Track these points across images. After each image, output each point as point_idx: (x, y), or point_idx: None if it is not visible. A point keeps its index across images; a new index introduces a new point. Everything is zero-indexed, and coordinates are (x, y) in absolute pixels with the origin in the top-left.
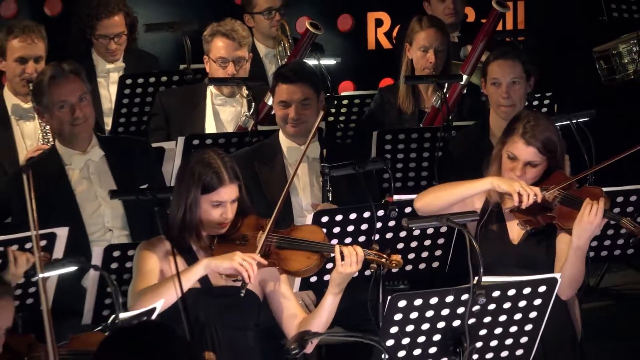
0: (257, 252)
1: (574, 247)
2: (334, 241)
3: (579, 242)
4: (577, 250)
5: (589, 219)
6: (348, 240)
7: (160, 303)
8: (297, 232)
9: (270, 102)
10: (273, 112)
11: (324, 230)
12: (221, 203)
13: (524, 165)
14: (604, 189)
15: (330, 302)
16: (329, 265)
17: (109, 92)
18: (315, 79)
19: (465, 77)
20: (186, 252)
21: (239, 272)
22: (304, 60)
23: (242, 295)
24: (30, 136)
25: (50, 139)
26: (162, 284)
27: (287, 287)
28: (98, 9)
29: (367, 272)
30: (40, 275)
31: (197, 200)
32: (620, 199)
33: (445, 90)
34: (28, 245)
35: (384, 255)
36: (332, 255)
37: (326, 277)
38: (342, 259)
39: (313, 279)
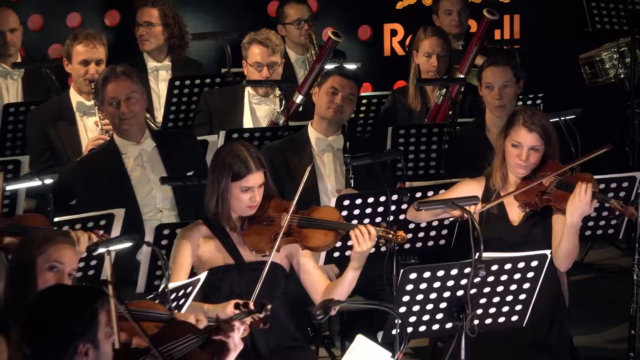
0: (273, 247)
1: (568, 225)
2: (354, 221)
3: (572, 220)
4: (571, 227)
5: (580, 198)
6: (366, 220)
7: (204, 275)
8: (315, 212)
9: (298, 101)
10: (301, 108)
11: (346, 211)
12: (249, 188)
13: (527, 150)
14: None
15: (351, 276)
16: (350, 242)
17: (158, 88)
18: (358, 86)
19: (461, 76)
20: (220, 232)
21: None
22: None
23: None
24: (92, 130)
25: (109, 132)
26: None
27: (311, 260)
28: (139, 4)
29: (383, 249)
30: (103, 250)
31: (228, 187)
32: (602, 186)
33: (447, 90)
34: (90, 225)
35: (391, 232)
36: (346, 232)
37: (347, 252)
38: (357, 239)
39: (336, 254)
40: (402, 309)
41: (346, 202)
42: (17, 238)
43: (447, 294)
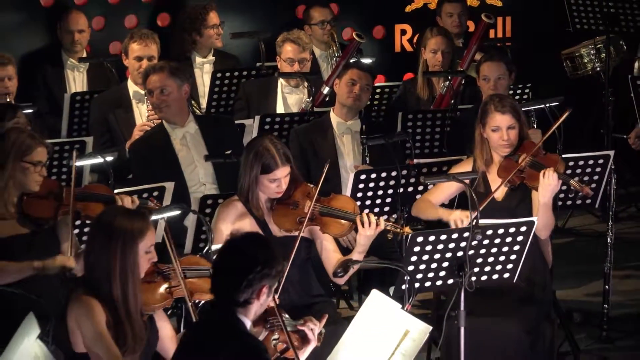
0: (300, 230)
1: (541, 204)
2: (369, 193)
3: (543, 200)
4: (544, 205)
5: (548, 182)
6: (380, 192)
7: None
8: (335, 201)
9: (325, 92)
10: (327, 98)
11: (362, 184)
12: (276, 180)
13: (506, 130)
14: (565, 155)
15: (358, 254)
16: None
17: (203, 80)
18: (373, 77)
19: (463, 69)
20: (252, 211)
21: None
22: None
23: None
24: (145, 115)
25: (155, 118)
26: None
27: (330, 241)
28: (206, 8)
29: (389, 235)
30: (156, 217)
31: (257, 177)
32: (571, 163)
33: (449, 81)
34: (145, 195)
35: (398, 226)
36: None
37: None
38: (363, 226)
39: None
40: (410, 268)
41: (362, 177)
42: (85, 203)
43: (448, 255)
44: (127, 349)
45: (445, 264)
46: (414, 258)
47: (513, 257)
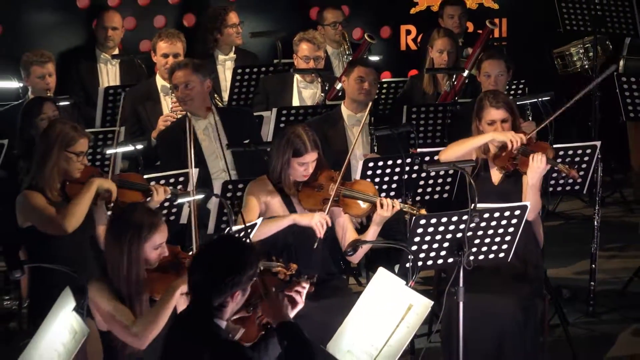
0: (327, 209)
1: (530, 186)
2: (377, 179)
3: (532, 182)
4: (532, 187)
5: (537, 165)
6: (387, 178)
7: (259, 220)
8: (357, 185)
9: (338, 87)
10: (340, 93)
11: (370, 171)
12: (305, 164)
13: (500, 123)
14: (555, 146)
15: (372, 232)
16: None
17: (224, 75)
18: (378, 71)
19: (467, 71)
20: (281, 190)
21: (314, 229)
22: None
23: (315, 247)
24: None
25: (178, 112)
26: (267, 224)
27: (348, 221)
28: (226, 9)
29: (407, 217)
30: (181, 200)
31: (289, 161)
32: (562, 153)
33: (453, 79)
34: (171, 180)
35: (415, 208)
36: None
37: None
38: (382, 207)
39: None
40: (414, 247)
41: (371, 164)
42: (122, 191)
43: (449, 236)
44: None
45: (446, 244)
46: (417, 239)
47: (508, 238)
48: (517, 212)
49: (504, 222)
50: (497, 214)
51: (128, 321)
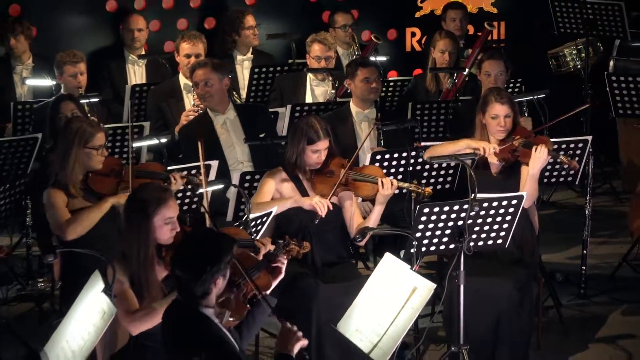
0: (332, 192)
1: (530, 175)
2: (384, 171)
3: (532, 171)
4: (532, 176)
5: (539, 155)
6: (392, 170)
7: (275, 209)
8: (365, 169)
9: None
10: (349, 90)
11: (377, 163)
12: (318, 150)
13: (504, 118)
14: (550, 140)
15: (377, 212)
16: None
17: (242, 74)
18: (379, 68)
19: (467, 69)
20: (296, 179)
21: (315, 209)
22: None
23: (315, 222)
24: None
25: (199, 107)
26: (268, 204)
27: (355, 203)
28: (243, 12)
29: (404, 191)
30: (202, 190)
31: (304, 148)
32: (564, 146)
33: (455, 77)
34: (193, 172)
35: (420, 188)
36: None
37: None
38: (383, 186)
39: None
40: (418, 234)
41: (378, 157)
42: (142, 180)
43: (450, 224)
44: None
45: (448, 231)
46: (421, 226)
47: (505, 225)
48: (514, 202)
49: (501, 210)
50: (495, 203)
51: (129, 308)
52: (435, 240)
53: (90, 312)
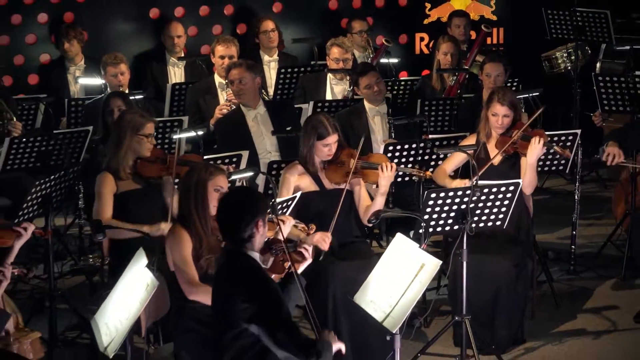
0: (347, 181)
1: (528, 164)
2: (395, 160)
3: (530, 161)
4: (531, 165)
5: (535, 146)
6: (403, 159)
7: (299, 194)
8: (372, 158)
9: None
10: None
11: (390, 154)
12: (328, 145)
13: (502, 117)
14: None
15: (380, 199)
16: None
17: (270, 74)
18: (375, 69)
19: (467, 67)
20: (310, 170)
21: (319, 244)
22: (380, 60)
23: (320, 259)
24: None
25: (234, 102)
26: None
27: (363, 187)
28: (260, 18)
29: (415, 178)
30: (235, 177)
31: (314, 143)
32: (555, 138)
33: (456, 76)
34: (226, 160)
35: (422, 172)
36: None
37: None
38: (382, 170)
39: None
40: (426, 217)
41: (390, 148)
42: (183, 168)
43: (455, 207)
44: (209, 262)
45: (452, 214)
46: (428, 209)
47: (503, 209)
48: (511, 188)
49: (500, 196)
50: (495, 189)
51: (190, 280)
52: (441, 222)
53: (135, 284)
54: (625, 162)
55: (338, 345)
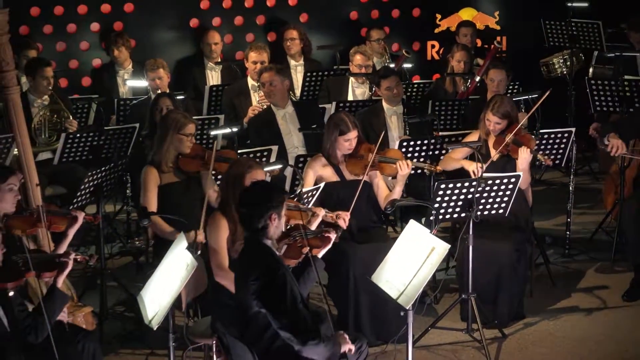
0: (365, 172)
1: (520, 169)
2: (409, 155)
3: (522, 167)
4: (523, 170)
5: (522, 155)
6: (416, 154)
7: (323, 184)
8: (389, 152)
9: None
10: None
11: (404, 149)
12: (349, 140)
13: (494, 124)
14: (542, 130)
15: (398, 189)
16: None
17: (296, 77)
18: (397, 74)
19: (478, 77)
20: (332, 162)
21: (340, 224)
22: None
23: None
24: (257, 100)
25: (265, 102)
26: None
27: (381, 179)
28: (286, 28)
29: (426, 171)
30: (269, 168)
31: (336, 138)
32: (546, 136)
33: (468, 83)
34: (258, 155)
35: (432, 166)
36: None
37: None
38: (400, 168)
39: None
40: (436, 205)
41: (405, 143)
42: (220, 163)
43: (462, 197)
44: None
45: (460, 203)
46: (438, 199)
47: (505, 199)
48: (512, 180)
49: (502, 187)
50: (497, 181)
51: (220, 264)
52: (449, 210)
53: (176, 264)
54: (626, 153)
55: (347, 347)
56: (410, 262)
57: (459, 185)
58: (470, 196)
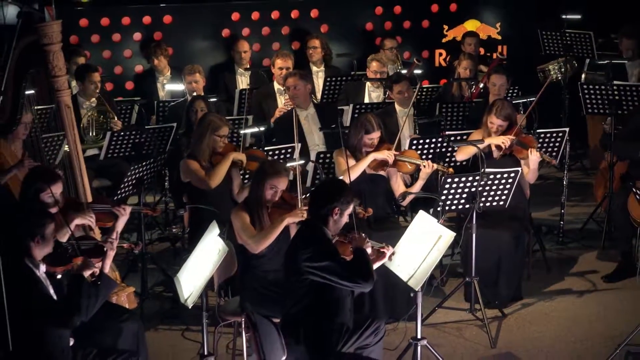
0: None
1: (531, 169)
2: (419, 152)
3: (533, 166)
4: (533, 170)
5: (533, 157)
6: (425, 151)
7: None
8: (406, 153)
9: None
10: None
11: (415, 147)
12: (372, 139)
13: (497, 126)
14: (538, 130)
15: (419, 185)
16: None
17: (318, 82)
18: (407, 79)
19: (482, 84)
20: (354, 156)
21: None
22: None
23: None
24: (282, 103)
25: (290, 104)
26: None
27: (399, 176)
28: (308, 38)
29: (440, 173)
30: (293, 164)
31: (362, 137)
32: (543, 135)
33: (473, 88)
34: (282, 151)
35: (445, 167)
36: (422, 165)
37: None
38: (425, 167)
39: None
40: (443, 197)
41: (415, 141)
42: (249, 162)
43: (466, 190)
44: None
45: (464, 195)
46: (445, 191)
47: (506, 191)
48: (512, 175)
49: (503, 181)
50: (499, 176)
51: (249, 235)
52: (455, 202)
53: (209, 250)
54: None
55: (369, 245)
56: (419, 248)
57: (463, 179)
58: (473, 189)
